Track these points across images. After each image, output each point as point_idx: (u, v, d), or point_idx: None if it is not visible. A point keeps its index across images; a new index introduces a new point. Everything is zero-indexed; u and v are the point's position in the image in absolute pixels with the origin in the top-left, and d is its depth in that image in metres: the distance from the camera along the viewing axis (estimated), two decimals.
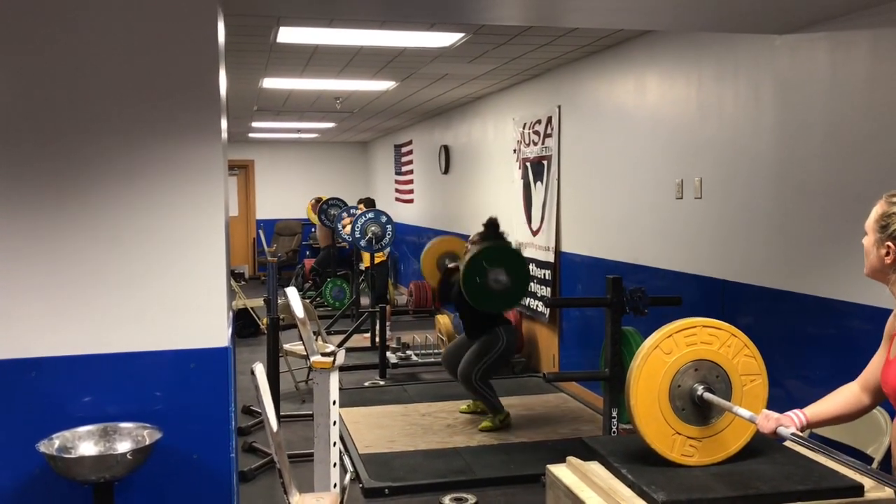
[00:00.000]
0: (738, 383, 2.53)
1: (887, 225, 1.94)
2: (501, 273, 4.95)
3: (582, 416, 5.71)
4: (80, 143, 2.80)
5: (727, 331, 2.55)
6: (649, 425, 2.48)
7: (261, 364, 2.16)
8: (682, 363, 2.51)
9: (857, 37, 3.50)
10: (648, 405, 2.48)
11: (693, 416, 2.51)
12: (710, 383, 2.51)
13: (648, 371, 2.49)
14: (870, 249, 2.00)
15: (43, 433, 2.71)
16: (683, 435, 2.51)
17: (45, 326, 2.80)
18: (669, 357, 2.50)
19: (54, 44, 2.75)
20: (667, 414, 2.49)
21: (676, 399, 2.51)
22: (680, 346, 2.51)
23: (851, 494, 2.33)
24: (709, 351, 2.53)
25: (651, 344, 2.50)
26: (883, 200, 1.99)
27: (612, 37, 5.26)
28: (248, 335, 8.62)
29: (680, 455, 2.50)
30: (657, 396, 2.49)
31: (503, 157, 7.77)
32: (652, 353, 2.49)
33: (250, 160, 14.54)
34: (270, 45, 5.38)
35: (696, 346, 2.52)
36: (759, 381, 2.56)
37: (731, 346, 2.54)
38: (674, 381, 2.50)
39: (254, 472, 4.64)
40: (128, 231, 2.85)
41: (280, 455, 2.10)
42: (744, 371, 2.55)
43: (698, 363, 2.52)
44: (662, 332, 2.52)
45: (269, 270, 5.38)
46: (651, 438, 2.49)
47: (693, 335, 2.52)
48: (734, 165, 4.33)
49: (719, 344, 2.54)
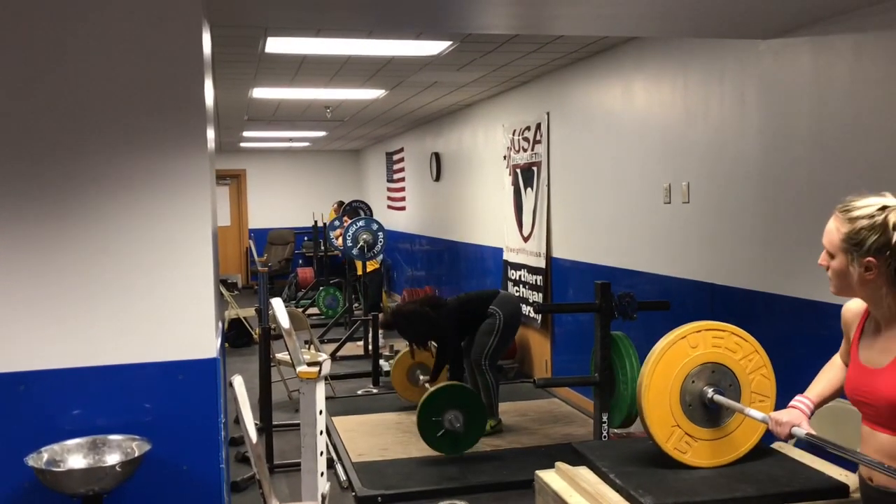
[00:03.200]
0: (748, 399, 2.56)
1: (861, 241, 1.80)
2: (458, 414, 4.83)
3: (575, 421, 5.72)
4: (65, 154, 2.80)
5: (752, 345, 2.59)
6: (654, 411, 2.51)
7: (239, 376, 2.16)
8: (702, 360, 2.55)
9: (840, 41, 3.53)
10: (659, 391, 2.51)
11: (698, 415, 2.54)
12: (721, 388, 2.55)
13: (669, 358, 2.52)
14: (844, 271, 1.85)
15: (31, 447, 2.70)
16: (682, 429, 2.53)
17: (33, 340, 2.79)
18: (694, 351, 2.54)
19: (39, 56, 2.76)
20: (674, 405, 2.52)
21: (687, 394, 2.54)
22: (706, 344, 2.55)
23: (836, 495, 2.35)
24: (730, 358, 2.57)
25: (678, 334, 2.55)
26: (839, 217, 1.86)
27: (598, 43, 5.29)
28: (242, 345, 8.62)
29: (673, 448, 2.52)
30: (670, 385, 2.52)
31: (493, 163, 7.80)
32: (678, 342, 2.53)
33: (242, 170, 14.54)
34: (259, 56, 5.39)
35: (720, 350, 2.56)
36: (766, 404, 2.59)
37: (752, 361, 2.58)
38: (689, 375, 2.54)
39: (246, 482, 4.63)
40: (114, 243, 2.85)
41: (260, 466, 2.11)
42: (756, 389, 2.58)
43: (716, 366, 2.56)
44: (692, 326, 2.57)
45: (260, 280, 5.38)
46: (652, 423, 2.51)
47: (720, 338, 2.57)
48: (721, 169, 4.36)
49: (742, 354, 2.58)
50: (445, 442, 4.85)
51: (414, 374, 6.08)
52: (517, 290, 7.13)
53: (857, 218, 1.82)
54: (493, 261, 7.91)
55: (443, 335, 5.57)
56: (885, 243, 1.79)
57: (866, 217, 1.81)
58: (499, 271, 7.68)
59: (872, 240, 1.80)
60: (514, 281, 7.26)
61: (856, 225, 1.82)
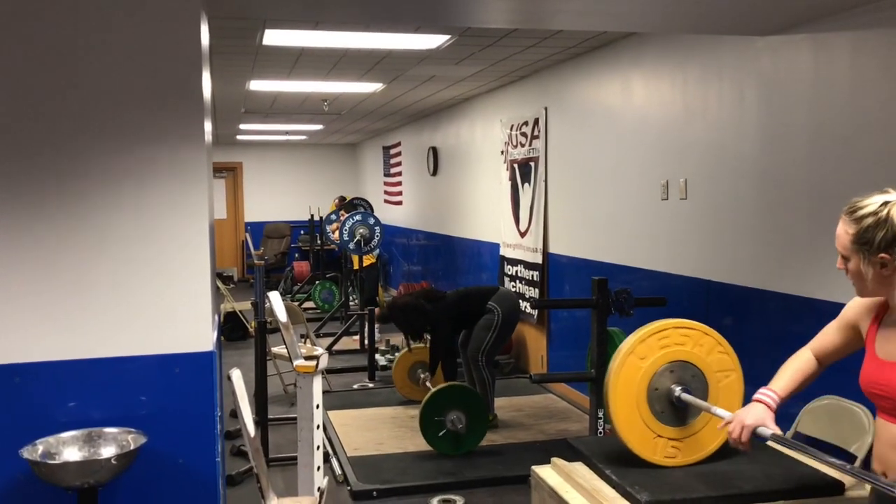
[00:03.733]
0: (714, 380, 2.55)
1: (870, 239, 1.82)
2: (460, 415, 4.83)
3: (570, 417, 5.73)
4: (62, 146, 2.79)
5: (699, 330, 2.56)
6: (631, 432, 2.50)
7: (237, 369, 2.15)
8: (657, 366, 2.52)
9: (838, 38, 3.53)
10: (628, 411, 2.49)
11: (672, 417, 2.53)
12: (686, 383, 2.52)
13: (625, 378, 2.50)
14: (861, 272, 1.87)
15: (27, 439, 2.70)
16: (665, 437, 2.52)
17: (29, 332, 2.79)
18: (644, 362, 2.51)
19: (35, 47, 2.74)
20: (647, 418, 2.51)
21: (655, 402, 2.52)
22: (654, 350, 2.52)
23: (832, 492, 2.35)
24: (682, 351, 2.54)
25: (626, 350, 2.51)
26: (845, 219, 1.88)
27: (597, 38, 5.28)
28: (237, 338, 8.61)
29: (663, 457, 2.52)
30: (636, 402, 2.50)
31: (491, 158, 7.79)
32: (627, 359, 2.51)
33: (238, 162, 14.51)
34: (257, 48, 5.37)
35: (670, 348, 2.53)
36: (733, 377, 2.58)
37: (704, 345, 2.56)
38: (651, 384, 2.51)
39: (241, 475, 4.63)
40: (111, 235, 2.84)
41: (258, 459, 2.10)
42: (718, 368, 2.56)
43: (673, 365, 2.53)
44: (636, 338, 2.53)
45: (256, 274, 5.37)
46: (634, 444, 2.50)
47: (666, 337, 2.53)
48: (719, 166, 4.36)
49: (692, 343, 2.55)
50: (447, 442, 4.85)
51: (415, 373, 6.08)
52: (513, 285, 7.13)
53: (862, 217, 1.83)
54: (490, 256, 7.91)
55: (436, 330, 5.58)
56: (893, 237, 1.80)
57: (871, 215, 1.82)
58: (495, 266, 7.68)
59: (880, 236, 1.81)
60: (510, 276, 7.26)
61: (862, 224, 1.83)
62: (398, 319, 5.65)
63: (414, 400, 6.08)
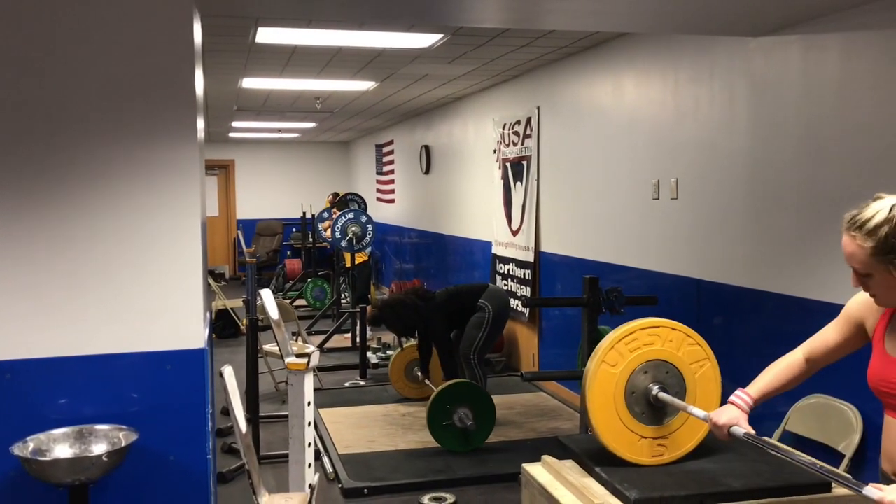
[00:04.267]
0: (689, 372, 2.57)
1: (893, 245, 1.75)
2: (467, 411, 4.85)
3: (561, 415, 5.74)
4: (54, 143, 2.79)
5: (666, 326, 2.57)
6: (615, 439, 2.51)
7: (229, 366, 2.16)
8: (630, 370, 2.53)
9: (829, 39, 3.55)
10: (609, 419, 2.51)
11: (653, 416, 2.55)
12: (662, 381, 2.54)
13: (600, 388, 2.51)
14: (890, 281, 1.79)
15: (17, 436, 2.70)
16: (649, 437, 2.54)
17: (20, 329, 2.78)
18: (616, 368, 2.52)
19: (27, 44, 2.74)
20: (628, 422, 2.52)
21: (634, 405, 2.53)
22: (624, 355, 2.53)
23: (820, 490, 2.37)
24: (653, 350, 2.55)
25: (597, 360, 2.52)
26: (854, 235, 1.80)
27: (589, 39, 5.30)
28: (229, 336, 8.60)
29: (651, 457, 2.53)
30: (615, 408, 2.51)
31: (483, 157, 7.80)
32: (599, 368, 2.52)
33: (230, 160, 14.48)
34: (249, 46, 5.37)
35: (641, 350, 2.54)
36: (708, 366, 2.59)
37: (674, 340, 2.57)
38: (627, 388, 2.53)
39: (232, 472, 4.63)
40: (103, 232, 2.84)
41: (249, 456, 2.11)
42: (691, 360, 2.58)
43: (646, 365, 2.54)
44: (604, 346, 2.54)
45: (248, 271, 5.37)
46: (621, 451, 2.52)
47: (634, 339, 2.54)
48: (709, 166, 4.38)
49: (661, 341, 2.56)
50: (456, 439, 4.87)
51: (412, 370, 6.09)
52: (505, 283, 7.15)
53: (876, 227, 1.76)
54: (482, 254, 7.92)
55: (429, 326, 5.58)
56: None
57: (885, 222, 1.76)
58: (487, 265, 7.69)
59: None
60: (502, 275, 7.27)
61: (880, 234, 1.75)
62: (389, 319, 5.65)
63: (410, 398, 6.09)
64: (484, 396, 4.95)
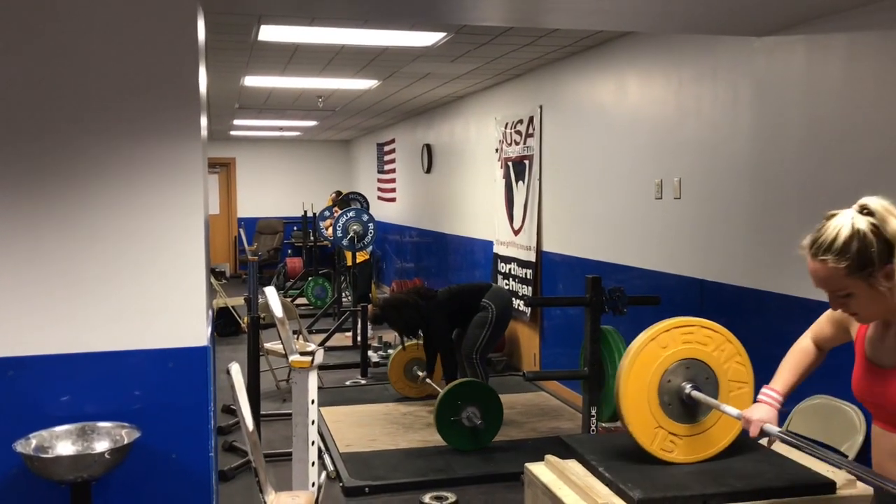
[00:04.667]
0: (726, 388, 2.56)
1: (869, 258, 1.68)
2: (475, 410, 4.86)
3: (562, 415, 5.74)
4: (58, 141, 2.78)
5: (723, 335, 2.58)
6: (635, 415, 2.50)
7: (236, 364, 2.15)
8: (675, 359, 2.53)
9: (833, 39, 3.54)
10: (637, 396, 2.50)
11: (678, 412, 2.54)
12: (698, 383, 2.54)
13: (642, 362, 2.51)
14: (876, 295, 1.73)
15: (20, 433, 2.70)
16: (665, 430, 2.53)
17: (23, 325, 2.78)
18: (664, 351, 2.52)
19: (31, 41, 2.73)
20: (653, 407, 2.52)
21: (665, 394, 2.53)
22: (676, 342, 2.54)
23: (824, 491, 2.37)
24: (702, 352, 2.55)
25: (648, 336, 2.53)
26: (823, 258, 1.72)
27: (592, 38, 5.29)
28: (229, 334, 8.59)
29: (659, 449, 2.52)
30: (647, 388, 2.51)
31: (485, 156, 7.79)
32: (648, 344, 2.52)
33: (232, 158, 14.47)
34: (251, 44, 5.36)
35: (692, 345, 2.55)
36: (745, 390, 2.58)
37: (725, 351, 2.57)
38: (665, 375, 2.53)
39: (234, 471, 4.63)
40: (106, 229, 2.84)
41: (256, 454, 2.10)
42: (733, 377, 2.57)
43: (690, 362, 2.55)
44: (660, 327, 2.54)
45: (250, 269, 5.36)
46: (634, 428, 2.51)
47: (690, 333, 2.55)
48: (713, 166, 4.37)
49: (713, 346, 2.57)
50: (465, 438, 4.88)
51: (411, 370, 6.08)
52: (507, 283, 7.14)
53: (846, 244, 1.70)
54: (483, 254, 7.92)
55: (431, 326, 5.58)
56: (886, 244, 1.70)
57: (853, 236, 1.70)
58: (488, 264, 7.69)
59: (874, 249, 1.69)
60: (503, 274, 7.27)
61: (851, 249, 1.69)
62: (391, 318, 5.64)
63: (410, 397, 6.08)
64: (492, 395, 4.95)
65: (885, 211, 1.71)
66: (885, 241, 1.70)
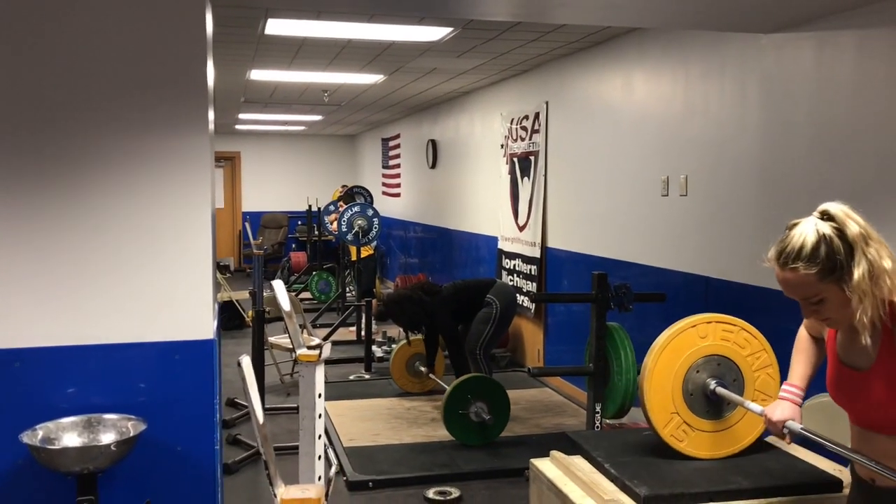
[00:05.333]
0: (751, 396, 2.55)
1: (839, 261, 1.70)
2: (483, 405, 4.87)
3: (566, 411, 5.74)
4: (67, 133, 2.78)
5: (761, 343, 2.58)
6: (656, 394, 2.50)
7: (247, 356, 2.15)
8: (708, 352, 2.54)
9: (843, 37, 3.53)
10: (664, 376, 2.50)
11: (697, 404, 2.54)
12: (725, 382, 2.54)
13: (677, 345, 2.51)
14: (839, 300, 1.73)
15: (26, 424, 2.70)
16: (681, 417, 2.52)
17: (30, 317, 2.79)
18: (702, 341, 2.53)
19: (40, 34, 2.73)
20: (675, 392, 2.52)
21: (690, 383, 2.53)
22: (715, 336, 2.54)
23: (831, 490, 2.36)
24: (737, 353, 2.55)
25: (689, 322, 2.53)
26: (793, 267, 1.75)
27: (600, 34, 5.28)
28: (233, 327, 8.60)
29: (670, 435, 2.52)
30: (674, 371, 2.51)
31: (490, 152, 7.78)
32: (687, 330, 2.52)
33: (237, 152, 14.48)
34: (258, 37, 5.36)
35: (729, 344, 2.55)
36: (769, 403, 2.58)
37: (759, 359, 2.57)
38: (694, 365, 2.53)
39: (238, 464, 4.63)
40: (114, 221, 2.84)
41: (266, 447, 2.10)
42: (760, 387, 2.57)
43: (722, 360, 2.55)
44: (703, 317, 2.55)
45: (255, 263, 5.37)
46: (652, 406, 2.50)
47: (730, 332, 2.56)
48: (719, 163, 4.36)
49: (749, 351, 2.57)
50: (473, 433, 4.89)
51: (413, 365, 6.08)
52: (511, 279, 7.14)
53: (814, 249, 1.72)
54: (488, 249, 7.91)
55: (435, 321, 5.57)
56: (850, 247, 1.72)
57: (819, 241, 1.73)
58: (493, 260, 7.68)
59: (841, 252, 1.71)
60: (508, 270, 7.26)
61: (820, 254, 1.72)
62: (395, 313, 5.64)
63: (412, 392, 6.09)
64: (499, 390, 4.95)
65: (845, 215, 1.76)
66: (848, 243, 1.72)
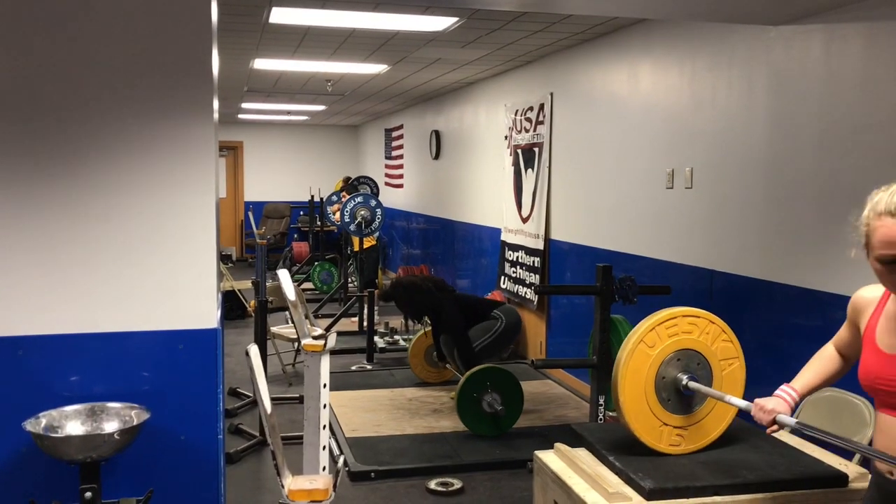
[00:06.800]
0: (718, 368, 2.56)
1: None
2: (496, 396, 4.88)
3: (568, 403, 5.73)
4: (71, 121, 2.77)
5: (705, 318, 2.57)
6: (637, 419, 2.50)
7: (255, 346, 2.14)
8: (665, 354, 2.52)
9: (852, 29, 3.50)
10: (636, 400, 2.50)
11: (678, 405, 2.54)
12: (692, 371, 2.53)
13: (634, 366, 2.50)
14: None
15: (30, 412, 2.70)
16: (670, 425, 2.52)
17: (33, 305, 2.78)
18: (653, 350, 2.51)
19: (46, 22, 2.71)
20: (654, 406, 2.51)
21: (662, 391, 2.52)
22: (663, 338, 2.53)
23: (836, 484, 2.36)
24: (690, 340, 2.55)
25: (635, 339, 2.52)
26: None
27: (606, 24, 5.25)
28: (235, 317, 8.61)
29: (668, 445, 2.52)
30: (644, 390, 2.50)
31: (494, 143, 7.76)
32: (637, 347, 2.51)
33: (239, 142, 14.46)
34: (262, 25, 5.33)
35: (678, 337, 2.54)
36: (736, 364, 2.59)
37: (710, 333, 2.57)
38: (659, 372, 2.52)
39: (240, 453, 4.64)
40: (118, 210, 2.83)
41: (274, 437, 2.10)
42: (722, 356, 2.57)
43: (681, 353, 2.54)
44: (645, 326, 2.53)
45: (257, 253, 5.35)
46: (640, 433, 2.50)
47: (674, 325, 2.54)
48: (726, 156, 4.34)
49: (699, 332, 2.56)
50: (487, 424, 4.90)
51: (433, 355, 6.09)
52: (514, 270, 7.13)
53: None
54: (491, 241, 7.90)
55: (443, 314, 5.56)
56: None
57: None
58: (496, 252, 7.67)
59: None
60: (511, 262, 7.25)
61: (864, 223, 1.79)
62: (401, 298, 5.63)
63: (429, 382, 6.08)
64: (514, 384, 4.96)
65: None
66: None
